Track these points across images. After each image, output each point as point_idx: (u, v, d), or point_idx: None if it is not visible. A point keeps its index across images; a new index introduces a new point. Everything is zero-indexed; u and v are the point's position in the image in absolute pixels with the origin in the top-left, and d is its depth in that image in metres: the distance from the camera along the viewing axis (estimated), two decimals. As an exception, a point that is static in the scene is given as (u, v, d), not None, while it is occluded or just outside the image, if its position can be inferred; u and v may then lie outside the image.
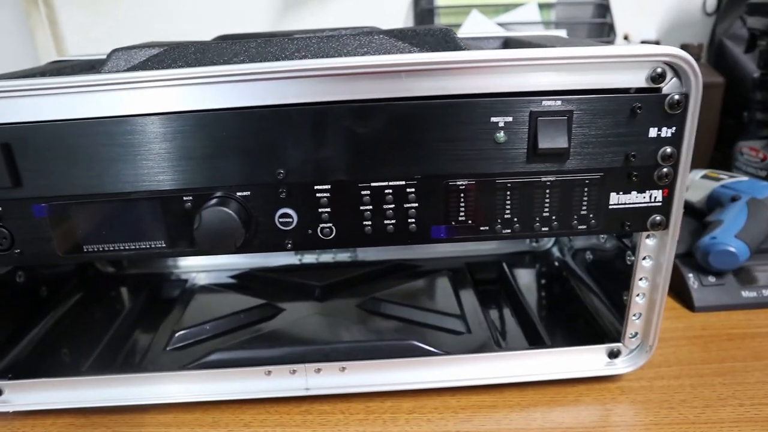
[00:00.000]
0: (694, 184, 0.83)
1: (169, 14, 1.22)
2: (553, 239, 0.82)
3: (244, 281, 0.78)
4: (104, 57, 0.54)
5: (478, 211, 0.49)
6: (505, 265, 0.78)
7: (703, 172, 0.85)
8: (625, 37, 1.18)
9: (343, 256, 0.81)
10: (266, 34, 0.55)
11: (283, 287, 0.75)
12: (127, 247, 0.49)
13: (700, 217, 0.78)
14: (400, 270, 0.79)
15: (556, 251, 0.81)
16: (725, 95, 1.00)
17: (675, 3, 1.21)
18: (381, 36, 0.49)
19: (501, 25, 1.14)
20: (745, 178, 0.81)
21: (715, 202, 0.79)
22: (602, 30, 1.15)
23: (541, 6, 1.16)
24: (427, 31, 0.52)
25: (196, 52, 0.49)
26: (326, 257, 0.82)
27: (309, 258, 0.81)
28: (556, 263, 0.79)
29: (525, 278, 0.77)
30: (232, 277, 0.79)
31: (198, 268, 0.82)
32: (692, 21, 1.21)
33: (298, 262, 0.81)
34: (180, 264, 0.82)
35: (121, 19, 1.22)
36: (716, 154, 1.03)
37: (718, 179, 0.82)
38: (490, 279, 0.78)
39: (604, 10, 1.15)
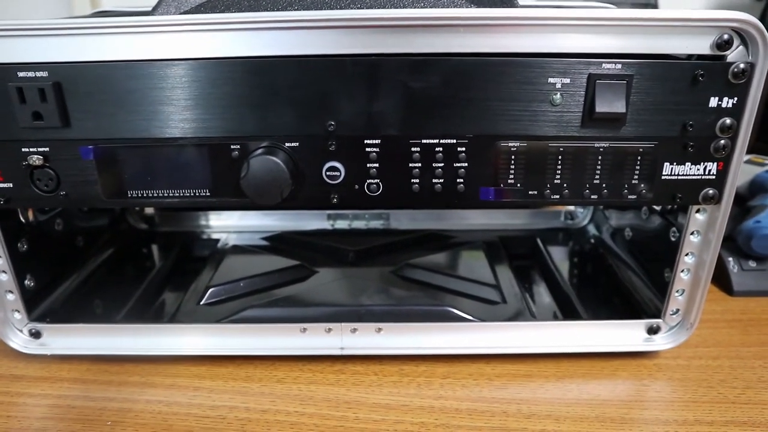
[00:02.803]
0: (736, 169, 0.81)
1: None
2: (589, 217, 0.80)
3: (276, 243, 0.78)
4: (149, 9, 0.53)
5: (528, 174, 0.48)
6: (539, 241, 0.77)
7: (746, 156, 0.83)
8: (669, 20, 1.15)
9: (376, 223, 0.81)
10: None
11: (316, 250, 0.75)
12: (171, 194, 0.49)
13: (741, 202, 0.76)
14: (434, 240, 0.78)
15: (592, 229, 0.80)
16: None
17: (722, -14, 1.18)
18: (438, -9, 0.48)
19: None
20: (790, 165, 0.79)
21: (758, 188, 0.77)
22: (645, 11, 1.12)
23: (583, -17, 1.14)
24: (483, -10, 0.51)
25: (250, 0, 0.48)
26: (359, 224, 0.81)
27: (341, 224, 0.81)
28: (592, 240, 0.78)
29: (560, 254, 0.76)
30: (264, 239, 0.79)
31: (229, 228, 0.82)
32: (740, 5, 1.18)
33: (330, 228, 0.81)
34: (211, 224, 0.83)
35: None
36: (760, 144, 1.00)
37: (762, 164, 0.80)
38: (524, 254, 0.77)
39: (648, -10, 1.12)
